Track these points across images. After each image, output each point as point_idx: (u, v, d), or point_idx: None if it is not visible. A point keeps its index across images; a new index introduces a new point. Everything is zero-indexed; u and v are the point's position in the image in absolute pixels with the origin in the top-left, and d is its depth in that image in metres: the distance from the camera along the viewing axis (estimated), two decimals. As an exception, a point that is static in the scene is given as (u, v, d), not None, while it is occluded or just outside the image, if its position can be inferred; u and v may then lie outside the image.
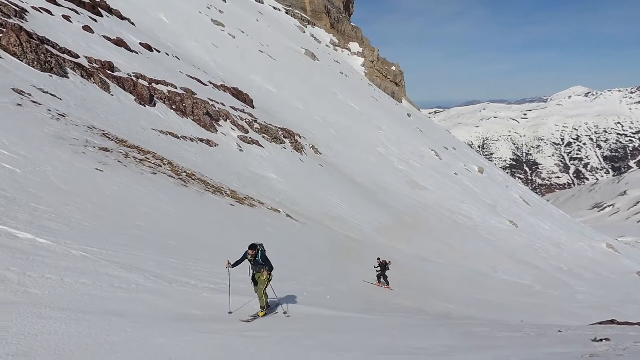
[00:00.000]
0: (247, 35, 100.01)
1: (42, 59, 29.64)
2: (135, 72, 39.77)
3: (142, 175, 20.22)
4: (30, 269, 8.33)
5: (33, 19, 37.51)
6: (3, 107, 19.72)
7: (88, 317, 7.33)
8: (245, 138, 41.49)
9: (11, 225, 9.93)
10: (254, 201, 26.60)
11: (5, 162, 14.11)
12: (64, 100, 26.06)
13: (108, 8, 59.85)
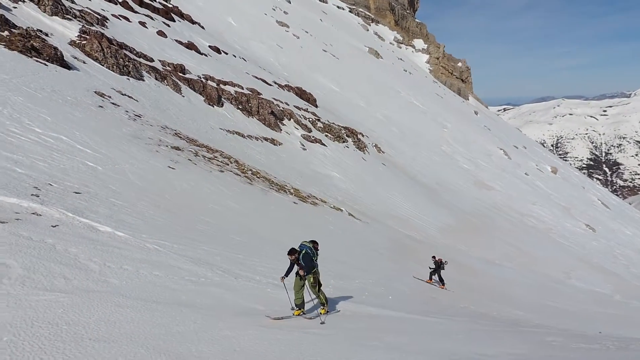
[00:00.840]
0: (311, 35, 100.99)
1: (120, 63, 31.62)
2: (205, 74, 41.40)
3: (211, 173, 21.02)
4: (109, 260, 8.91)
5: (113, 26, 40.08)
6: (87, 108, 21.25)
7: (161, 307, 7.71)
8: (308, 137, 41.94)
9: (93, 219, 10.68)
10: (317, 199, 26.83)
11: (89, 160, 15.20)
12: (140, 101, 27.64)
13: (180, 13, 62.73)
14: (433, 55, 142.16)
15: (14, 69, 21.40)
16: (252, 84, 46.25)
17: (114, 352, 5.79)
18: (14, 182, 11.09)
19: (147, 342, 6.29)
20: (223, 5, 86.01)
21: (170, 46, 45.05)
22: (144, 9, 53.55)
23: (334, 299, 11.49)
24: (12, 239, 8.23)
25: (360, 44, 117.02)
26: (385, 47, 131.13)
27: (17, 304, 6.45)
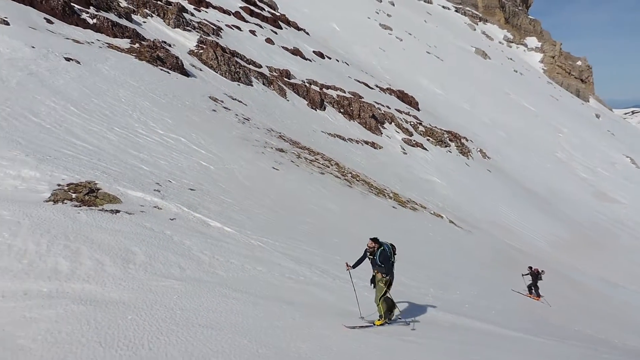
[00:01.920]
0: (414, 37, 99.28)
1: (232, 70, 33.74)
2: (309, 78, 42.62)
3: (312, 175, 21.56)
4: (218, 253, 9.53)
5: (227, 35, 42.86)
6: (202, 112, 22.98)
7: (263, 301, 8.06)
8: (409, 141, 41.25)
9: (205, 214, 11.50)
10: (416, 205, 26.26)
11: (203, 160, 16.43)
12: (249, 106, 29.24)
13: (287, 21, 65.28)
14: (548, 53, 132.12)
15: (143, 77, 23.82)
16: (354, 88, 46.65)
17: (220, 340, 6.18)
18: (140, 178, 12.34)
19: (250, 334, 6.62)
20: (327, 12, 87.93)
21: (277, 52, 47.08)
22: (254, 18, 56.61)
23: (433, 309, 11.15)
24: (137, 229, 9.16)
25: (466, 44, 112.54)
26: (494, 46, 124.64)
27: (140, 287, 7.16)
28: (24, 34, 22.24)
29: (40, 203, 9.25)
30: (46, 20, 26.59)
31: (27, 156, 11.30)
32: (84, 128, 15.02)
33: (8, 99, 15.05)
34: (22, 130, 13.15)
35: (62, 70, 19.83)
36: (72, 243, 7.85)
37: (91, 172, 11.57)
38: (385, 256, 8.66)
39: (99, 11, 32.30)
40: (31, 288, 6.46)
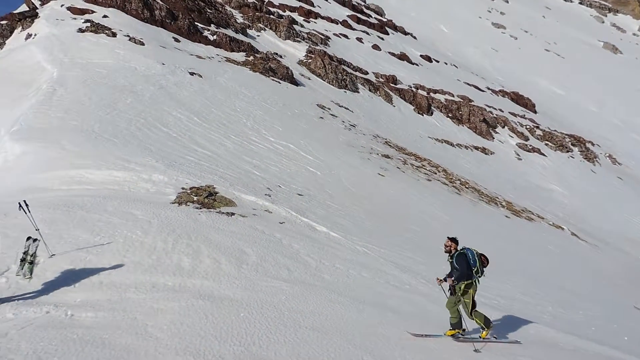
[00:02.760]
0: (530, 35, 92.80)
1: (339, 77, 34.37)
2: (416, 83, 41.89)
3: (418, 181, 21.12)
4: (324, 257, 9.73)
5: (334, 43, 43.79)
6: (310, 120, 23.72)
7: (367, 308, 8.05)
8: (524, 146, 38.55)
9: (312, 219, 11.83)
10: (533, 215, 24.41)
11: (311, 165, 16.94)
12: (355, 112, 29.55)
13: (394, 26, 64.89)
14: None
15: (256, 87, 25.27)
16: (463, 91, 44.88)
17: (325, 344, 6.28)
18: (253, 183, 13.08)
19: (354, 339, 6.64)
20: (435, 13, 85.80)
21: (384, 58, 46.99)
22: (361, 25, 57.14)
23: (552, 329, 10.24)
24: (250, 231, 9.71)
25: (592, 38, 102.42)
26: (627, 39, 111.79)
27: (252, 286, 7.57)
28: (156, 53, 24.85)
29: (167, 205, 10.23)
30: (174, 39, 29.45)
31: (157, 162, 12.58)
32: (205, 136, 16.33)
33: (142, 111, 16.90)
34: (154, 138, 14.67)
35: (187, 84, 21.80)
36: (193, 242, 8.56)
37: (210, 176, 12.52)
38: (463, 261, 7.60)
39: (219, 28, 34.97)
40: (158, 282, 7.15)
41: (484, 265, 7.79)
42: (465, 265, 7.56)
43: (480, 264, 7.73)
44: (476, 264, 7.68)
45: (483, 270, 7.76)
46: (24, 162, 11.87)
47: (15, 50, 24.73)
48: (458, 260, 7.61)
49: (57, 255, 7.44)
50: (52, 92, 16.88)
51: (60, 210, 8.94)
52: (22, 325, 5.68)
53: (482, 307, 10.15)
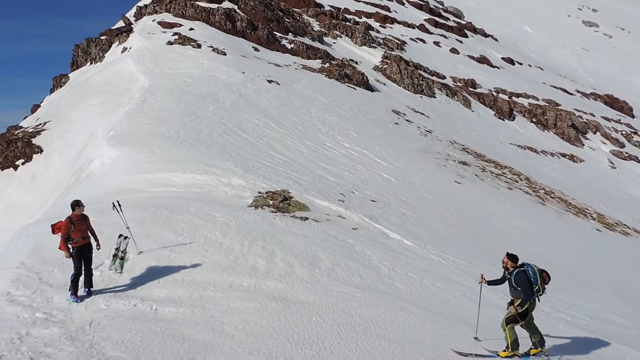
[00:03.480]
0: (628, 32, 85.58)
1: (415, 82, 33.81)
2: (496, 87, 40.16)
3: (498, 189, 20.16)
4: (397, 265, 9.56)
5: (410, 48, 43.18)
6: (385, 125, 23.53)
7: (441, 320, 7.79)
8: (619, 153, 35.51)
9: (385, 225, 11.69)
10: (629, 229, 22.35)
11: (385, 172, 16.78)
12: (431, 118, 28.88)
13: (473, 28, 62.75)
14: None
15: (331, 93, 25.53)
16: (549, 95, 42.30)
17: (396, 354, 6.16)
18: (327, 188, 13.19)
19: (427, 352, 6.45)
20: (518, 14, 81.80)
21: (462, 62, 45.56)
22: (439, 29, 55.87)
23: None
24: (323, 236, 9.80)
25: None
26: None
27: (324, 291, 7.61)
28: (237, 62, 25.95)
29: (245, 208, 10.61)
30: (254, 49, 30.60)
31: (236, 166, 13.10)
32: (281, 142, 16.76)
33: (223, 118, 17.71)
34: (233, 144, 15.31)
35: (265, 91, 22.54)
36: (268, 245, 8.79)
37: (286, 181, 12.82)
38: (523, 279, 7.01)
39: (296, 37, 35.82)
40: (235, 282, 7.42)
41: (545, 282, 7.20)
42: (528, 284, 7.01)
43: (541, 281, 7.14)
44: (537, 282, 7.10)
45: (544, 288, 7.17)
46: (118, 165, 12.88)
47: (112, 63, 26.99)
48: (519, 279, 7.04)
49: (144, 252, 7.98)
50: (143, 100, 18.21)
51: (148, 211, 9.58)
52: (112, 316, 6.14)
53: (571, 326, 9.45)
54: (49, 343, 5.46)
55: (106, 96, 20.98)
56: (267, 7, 37.41)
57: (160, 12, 33.55)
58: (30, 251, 7.74)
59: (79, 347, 5.42)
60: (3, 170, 18.50)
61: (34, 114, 25.61)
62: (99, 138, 15.77)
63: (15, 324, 5.80)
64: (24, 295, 6.47)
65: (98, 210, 8.99)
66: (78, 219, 6.79)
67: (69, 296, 6.50)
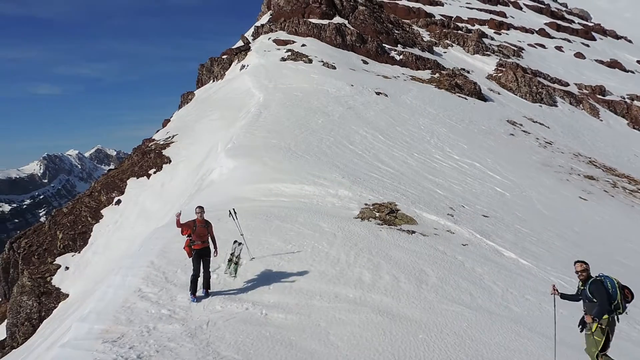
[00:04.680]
0: None
1: (533, 91, 31.57)
2: (630, 93, 36.00)
3: (632, 208, 17.94)
4: (512, 286, 8.90)
5: (528, 55, 40.51)
6: (498, 137, 22.25)
7: (564, 349, 7.07)
8: None
9: (499, 243, 10.98)
10: None
11: (498, 186, 15.83)
12: (552, 128, 26.69)
13: (602, 30, 57.12)
14: None
15: (441, 104, 24.83)
16: (698, 101, 36.81)
17: (512, 382, 5.70)
18: (435, 202, 12.79)
19: (547, 383, 5.88)
20: (660, 11, 72.76)
21: (589, 67, 41.60)
22: (562, 32, 51.73)
23: None
24: (430, 251, 9.49)
25: None
26: None
27: (431, 308, 7.34)
28: (346, 75, 26.43)
29: (351, 219, 10.68)
30: (363, 62, 30.95)
31: (343, 178, 13.28)
32: (388, 154, 16.64)
33: (332, 130, 18.09)
34: (341, 155, 15.55)
35: (373, 103, 22.61)
36: (374, 257, 8.73)
37: (392, 194, 12.67)
38: (600, 290, 6.05)
39: (405, 48, 35.53)
40: (341, 292, 7.46)
41: (627, 300, 6.21)
42: (605, 296, 6.06)
43: (622, 297, 6.14)
44: (616, 297, 6.12)
45: (625, 306, 6.16)
46: (234, 175, 13.77)
47: (231, 80, 29.09)
48: (595, 290, 6.11)
49: (256, 258, 8.39)
50: (258, 114, 19.32)
51: (260, 219, 10.08)
52: (226, 318, 6.52)
53: None
54: (172, 338, 5.95)
55: (225, 111, 22.63)
56: (376, 20, 37.68)
57: (276, 30, 35.49)
58: (158, 252, 8.55)
59: (197, 345, 5.82)
60: (138, 178, 20.76)
61: (165, 128, 28.46)
62: (218, 150, 17.03)
63: (144, 317, 6.42)
64: (152, 292, 7.14)
65: (216, 217, 9.65)
66: (201, 224, 7.35)
67: (189, 296, 7.04)
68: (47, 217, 23.51)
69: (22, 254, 19.44)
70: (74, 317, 9.45)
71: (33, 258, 19.01)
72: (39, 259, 18.90)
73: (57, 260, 18.29)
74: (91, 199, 21.22)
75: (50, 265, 18.14)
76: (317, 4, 36.41)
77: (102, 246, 17.74)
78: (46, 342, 9.77)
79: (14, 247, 20.27)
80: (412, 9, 52.96)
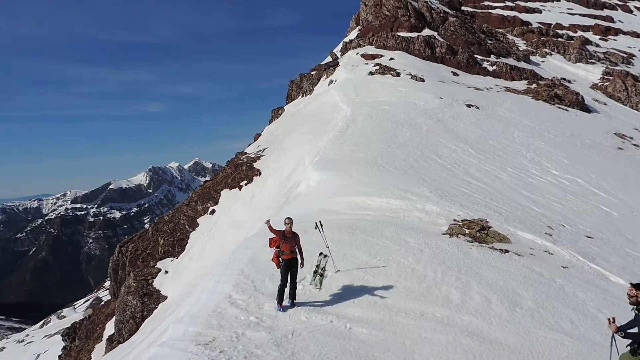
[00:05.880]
0: None
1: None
2: None
3: None
4: (620, 316, 8.03)
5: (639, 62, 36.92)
6: (604, 151, 20.41)
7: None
8: None
9: (605, 267, 10.00)
10: None
11: (604, 204, 14.47)
12: (670, 141, 23.98)
13: None
14: None
15: (538, 116, 23.37)
16: None
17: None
18: (531, 220, 11.98)
19: None
20: None
21: None
22: (682, 35, 46.48)
23: None
24: (525, 272, 8.88)
25: None
26: None
27: (526, 333, 6.85)
28: (435, 88, 25.88)
29: (439, 235, 10.34)
30: (452, 74, 30.13)
31: (430, 192, 12.93)
32: (479, 168, 15.95)
33: (419, 144, 17.76)
34: (428, 169, 15.18)
35: (463, 116, 21.86)
36: (463, 276, 8.36)
37: (483, 210, 12.09)
38: None
39: (499, 58, 34.02)
40: (427, 311, 7.22)
41: None
42: None
43: None
44: None
45: None
46: (321, 187, 13.99)
47: (319, 95, 29.74)
48: None
49: (341, 271, 8.41)
50: (345, 128, 19.52)
51: (346, 232, 10.11)
52: (311, 329, 6.59)
53: None
54: (259, 345, 6.14)
55: (313, 125, 23.15)
56: (468, 30, 36.55)
57: (364, 45, 35.78)
58: (248, 261, 8.90)
59: (283, 354, 5.95)
60: (231, 190, 21.87)
61: (256, 142, 29.78)
62: (305, 163, 17.44)
63: (234, 323, 6.70)
64: (242, 299, 7.44)
65: (303, 228, 9.85)
66: (289, 235, 7.55)
67: (276, 305, 7.23)
68: (150, 224, 25.54)
69: (129, 257, 21.28)
70: (171, 318, 10.11)
71: (138, 261, 20.72)
72: (143, 262, 20.55)
73: (158, 264, 19.76)
74: (189, 209, 22.72)
75: (152, 268, 19.63)
76: (406, 17, 36.16)
77: (197, 253, 18.85)
78: (147, 340, 10.54)
79: (122, 250, 22.27)
80: (507, 18, 50.65)
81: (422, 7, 37.53)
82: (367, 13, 38.40)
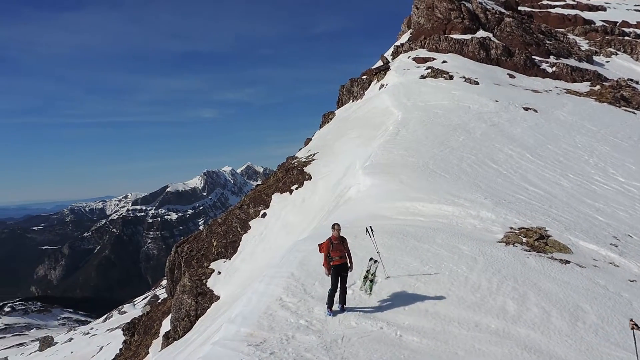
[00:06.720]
0: None
1: None
2: None
3: None
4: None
5: None
6: None
7: None
8: None
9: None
10: None
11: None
12: None
13: None
14: None
15: (602, 119, 22.11)
16: None
17: None
18: (594, 229, 11.33)
19: None
20: None
21: None
22: None
23: None
24: (588, 284, 8.39)
25: None
26: None
27: (588, 350, 6.47)
28: (490, 90, 25.09)
29: (494, 243, 9.98)
30: (509, 76, 29.10)
31: (485, 199, 12.52)
32: (537, 174, 15.29)
33: (473, 148, 17.26)
34: (483, 175, 14.72)
35: (520, 120, 21.05)
36: (520, 286, 8.02)
37: (542, 218, 11.57)
38: None
39: (559, 59, 32.53)
40: (481, 321, 6.99)
41: None
42: None
43: None
44: None
45: None
46: (371, 192, 13.90)
47: (370, 99, 29.59)
48: None
49: (391, 277, 8.30)
50: (396, 132, 19.30)
51: (396, 238, 9.98)
52: (361, 335, 6.54)
53: None
54: (308, 349, 6.16)
55: (364, 129, 23.06)
56: (525, 31, 35.22)
57: (415, 48, 35.29)
58: (298, 264, 8.97)
59: (332, 359, 5.94)
60: (282, 194, 22.18)
61: (307, 146, 30.03)
62: (356, 167, 17.39)
63: (284, 326, 6.77)
64: (292, 302, 7.50)
65: (353, 233, 9.82)
66: (336, 240, 7.55)
67: (325, 309, 7.24)
68: (204, 226, 26.35)
69: (184, 258, 22.06)
70: (223, 318, 10.36)
71: (193, 262, 21.42)
72: (197, 262, 21.22)
73: (211, 265, 20.34)
74: (241, 212, 23.25)
75: (206, 269, 20.23)
76: (460, 19, 35.34)
77: (249, 255, 19.23)
78: (200, 338, 10.85)
79: (178, 251, 23.12)
80: (567, 17, 48.35)
81: (476, 9, 36.55)
82: (419, 16, 37.87)
